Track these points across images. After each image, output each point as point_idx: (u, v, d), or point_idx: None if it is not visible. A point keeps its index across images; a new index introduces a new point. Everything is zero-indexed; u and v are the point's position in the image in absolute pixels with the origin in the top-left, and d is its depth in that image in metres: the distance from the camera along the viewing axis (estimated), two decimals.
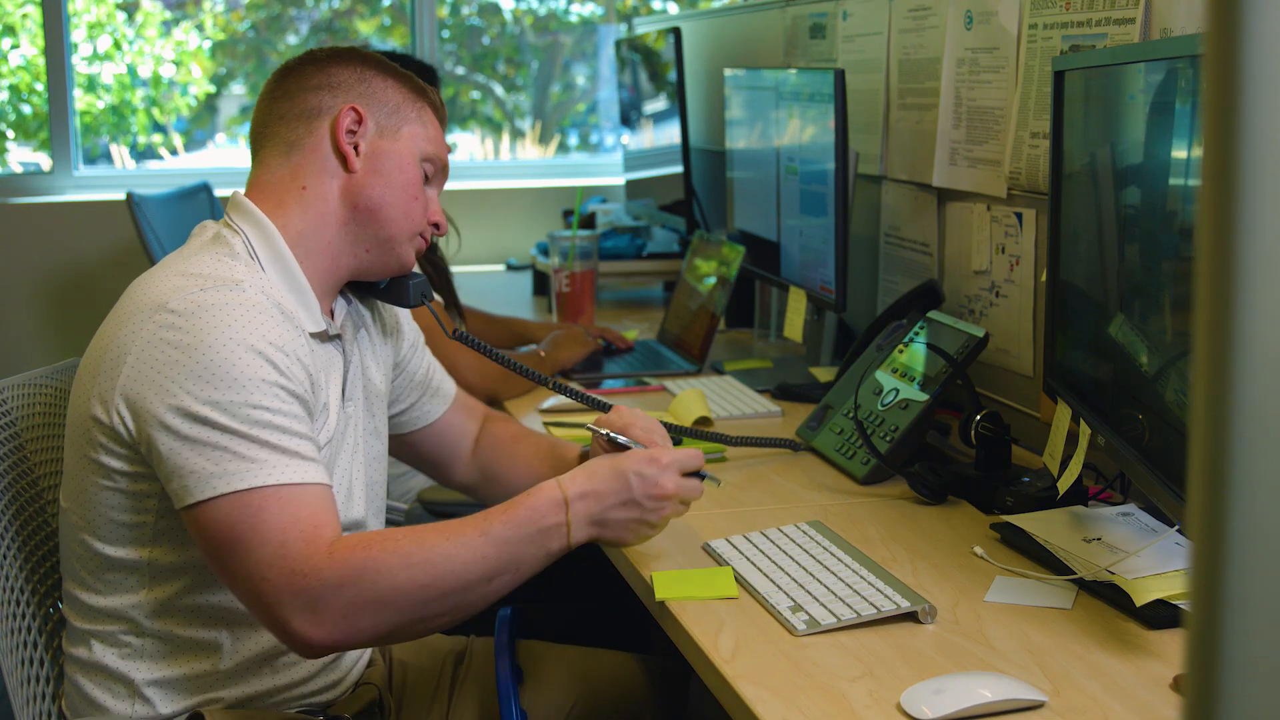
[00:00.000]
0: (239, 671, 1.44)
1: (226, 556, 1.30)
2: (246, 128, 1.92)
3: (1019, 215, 2.05)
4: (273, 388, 1.34)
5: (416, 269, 1.65)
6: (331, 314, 1.56)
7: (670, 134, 3.36)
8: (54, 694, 1.50)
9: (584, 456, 1.72)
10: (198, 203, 3.73)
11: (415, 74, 2.64)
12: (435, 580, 1.32)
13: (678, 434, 1.88)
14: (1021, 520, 1.57)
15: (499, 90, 5.12)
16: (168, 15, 4.61)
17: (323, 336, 1.51)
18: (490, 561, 1.35)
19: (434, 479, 1.86)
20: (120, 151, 4.60)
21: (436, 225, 1.61)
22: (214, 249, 1.45)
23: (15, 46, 4.36)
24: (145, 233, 3.28)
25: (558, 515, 1.40)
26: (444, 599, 1.33)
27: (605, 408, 1.72)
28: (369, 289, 1.63)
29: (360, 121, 1.53)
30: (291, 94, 1.55)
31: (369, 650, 1.62)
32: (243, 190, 1.54)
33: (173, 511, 1.37)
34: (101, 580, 1.42)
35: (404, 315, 1.75)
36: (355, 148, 1.53)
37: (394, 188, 1.54)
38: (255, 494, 1.30)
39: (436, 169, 1.61)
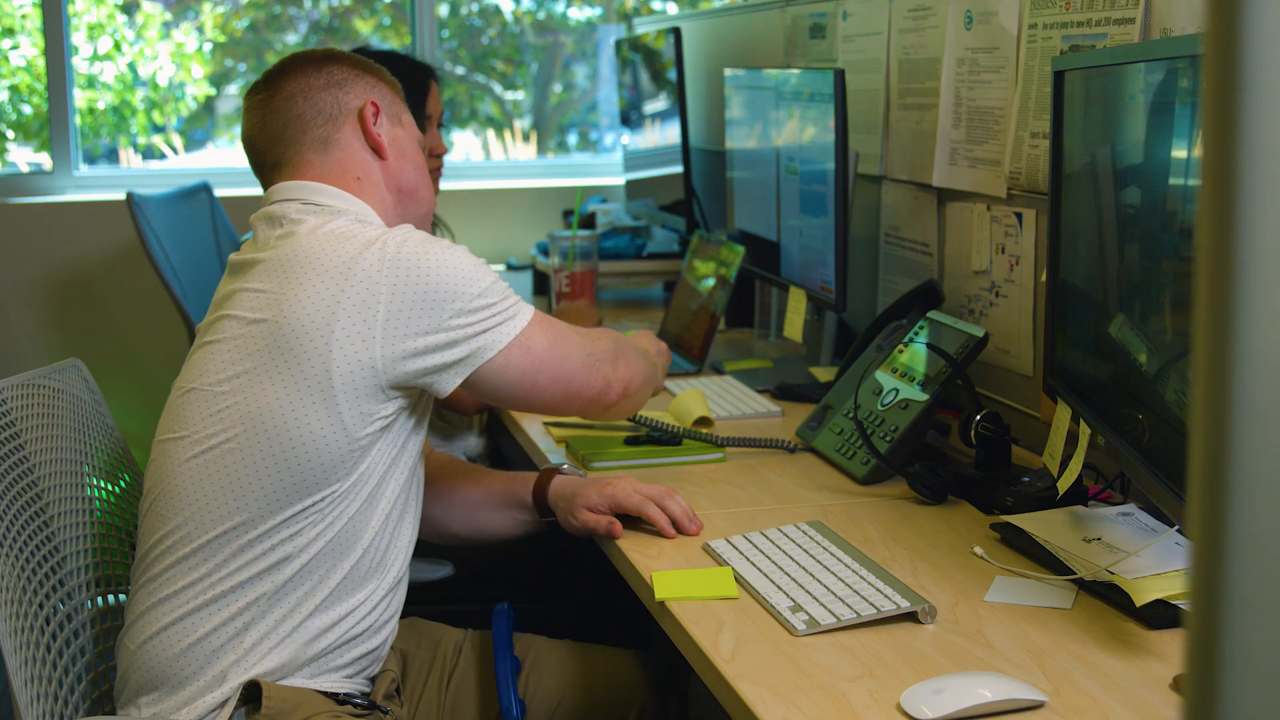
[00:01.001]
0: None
1: (557, 363, 1.60)
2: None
3: (1019, 215, 2.05)
4: (486, 270, 1.55)
5: None
6: None
7: (670, 134, 3.36)
8: (55, 694, 1.50)
9: (539, 482, 1.80)
10: (198, 203, 3.73)
11: (412, 71, 2.65)
12: (626, 345, 1.78)
13: (677, 434, 1.90)
14: (1021, 520, 1.57)
15: (499, 90, 5.12)
16: (168, 16, 4.61)
17: None
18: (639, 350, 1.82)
19: None
20: (126, 152, 4.60)
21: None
22: (346, 219, 1.56)
23: (15, 47, 4.36)
24: (145, 233, 3.27)
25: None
26: (643, 355, 1.81)
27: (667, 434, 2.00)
28: None
29: (378, 113, 1.67)
30: (303, 95, 1.64)
31: (394, 623, 1.65)
32: (297, 180, 1.62)
33: (377, 447, 1.51)
34: (259, 538, 1.47)
35: None
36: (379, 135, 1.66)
37: (418, 169, 1.71)
38: (536, 323, 1.59)
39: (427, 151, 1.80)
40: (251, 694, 1.44)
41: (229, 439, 1.48)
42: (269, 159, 1.64)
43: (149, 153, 4.66)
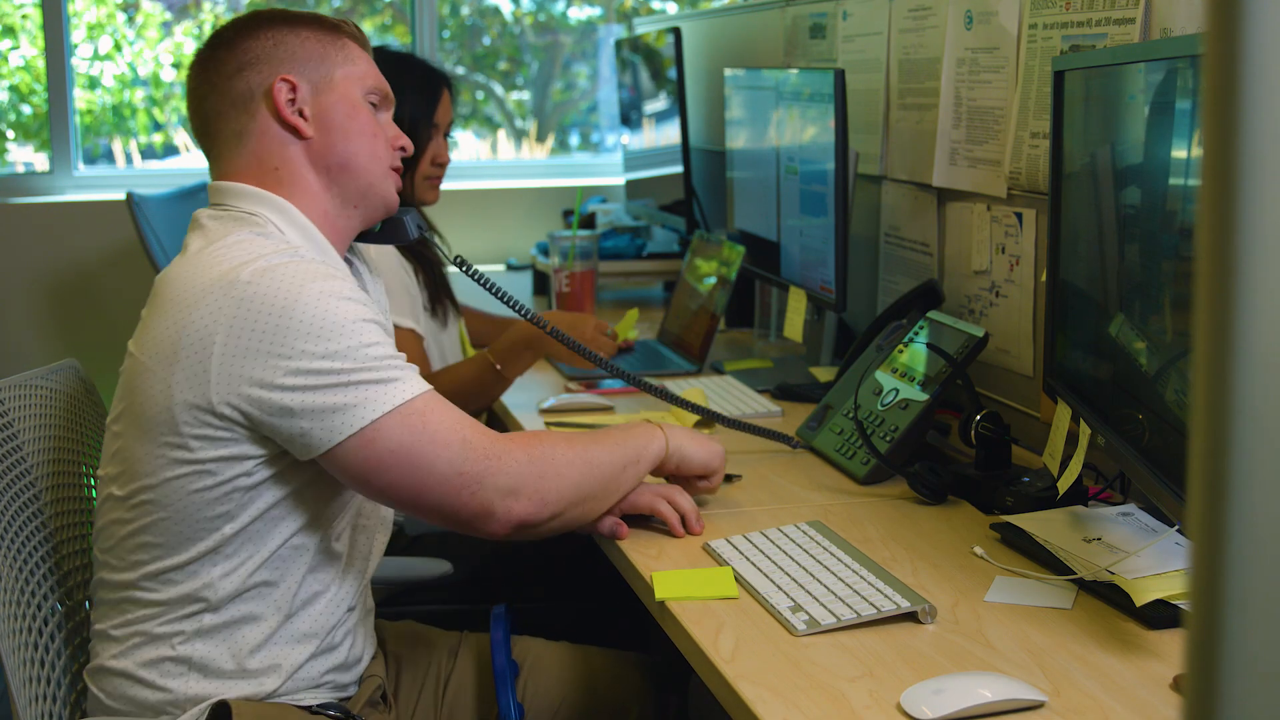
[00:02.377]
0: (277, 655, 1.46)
1: (409, 470, 1.38)
2: None
3: (1019, 215, 2.05)
4: (371, 325, 1.39)
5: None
6: None
7: (670, 134, 3.36)
8: (54, 695, 1.50)
9: None
10: (198, 203, 3.70)
11: (425, 77, 2.62)
12: (588, 459, 1.52)
13: (678, 404, 1.91)
14: (1021, 520, 1.57)
15: (499, 90, 5.12)
16: (168, 16, 4.61)
17: None
18: (617, 451, 1.56)
19: None
20: (131, 147, 4.60)
21: (402, 148, 1.61)
22: (241, 229, 1.45)
23: (15, 47, 4.36)
24: (145, 233, 3.28)
25: (644, 428, 1.63)
26: (594, 477, 1.53)
27: (665, 394, 1.90)
28: (364, 237, 1.64)
29: (294, 88, 1.52)
30: (217, 85, 1.53)
31: (373, 637, 1.63)
32: (218, 181, 1.53)
33: (255, 502, 1.40)
34: (164, 564, 1.42)
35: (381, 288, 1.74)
36: (301, 114, 1.52)
37: (353, 135, 1.54)
38: (410, 407, 1.38)
39: (381, 97, 1.60)
40: (220, 713, 1.41)
41: (112, 482, 1.45)
42: (204, 151, 1.58)
43: (149, 152, 4.66)
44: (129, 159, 4.59)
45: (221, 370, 1.34)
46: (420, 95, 2.50)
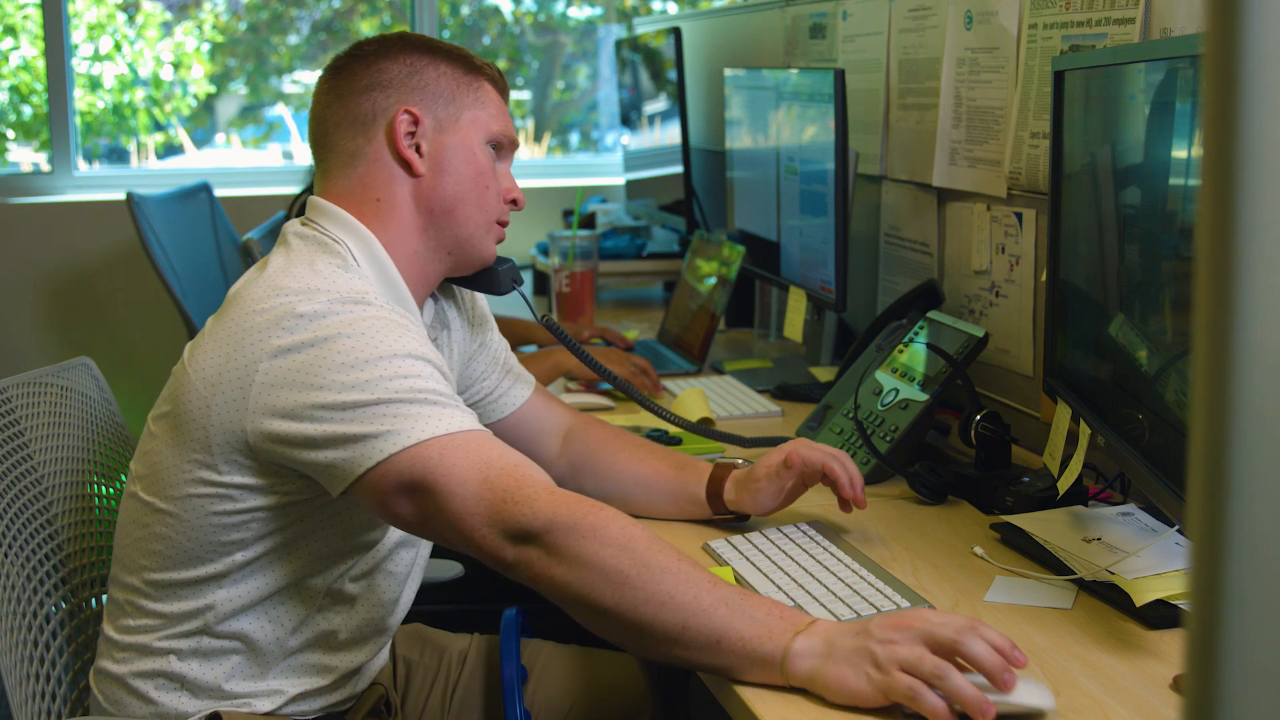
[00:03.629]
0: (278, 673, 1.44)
1: (427, 503, 1.27)
2: (248, 131, 1.87)
3: (1019, 215, 2.05)
4: (415, 360, 1.31)
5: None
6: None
7: (670, 134, 3.36)
8: (53, 693, 1.50)
9: (715, 475, 1.64)
10: (198, 203, 3.73)
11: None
12: (636, 582, 1.20)
13: (685, 428, 1.88)
14: (1021, 520, 1.57)
15: None
16: (168, 16, 4.61)
17: None
18: (698, 609, 1.19)
19: None
20: (132, 149, 4.60)
21: (514, 201, 1.57)
22: (324, 256, 1.41)
23: (15, 47, 4.36)
24: (145, 233, 3.28)
25: (794, 616, 1.22)
26: (632, 609, 1.21)
27: (734, 440, 1.82)
28: (455, 281, 1.61)
29: (417, 122, 1.48)
30: (343, 98, 1.50)
31: (386, 651, 1.62)
32: (318, 198, 1.50)
33: (276, 522, 1.37)
34: (174, 575, 1.40)
35: (482, 298, 1.72)
36: (418, 149, 1.49)
37: (464, 182, 1.51)
38: (433, 444, 1.27)
39: (505, 145, 1.56)
40: None
41: (138, 481, 1.43)
42: (315, 160, 1.55)
43: (157, 152, 4.66)
44: (143, 153, 4.59)
45: (258, 401, 1.31)
46: None
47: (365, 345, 1.30)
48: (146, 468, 1.42)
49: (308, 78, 4.87)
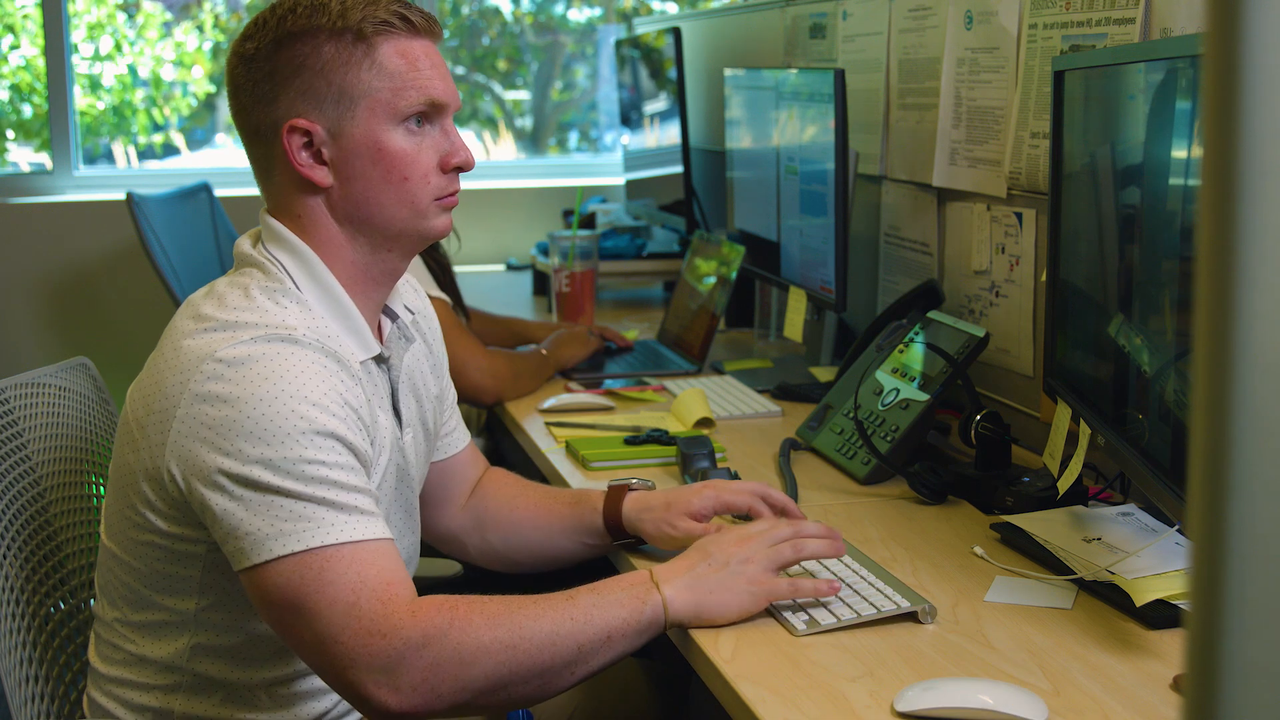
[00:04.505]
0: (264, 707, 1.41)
1: (292, 621, 1.23)
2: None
3: (1019, 215, 2.05)
4: (327, 439, 1.25)
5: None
6: (379, 331, 1.47)
7: (670, 134, 3.36)
8: (53, 695, 1.50)
9: (609, 503, 1.62)
10: (198, 203, 3.73)
11: None
12: (521, 640, 1.24)
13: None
14: (1021, 520, 1.57)
15: (499, 90, 5.12)
16: (168, 16, 4.61)
17: (376, 360, 1.42)
18: (578, 626, 1.27)
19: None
20: (129, 151, 4.60)
21: (458, 168, 1.42)
22: (264, 282, 1.35)
23: (15, 47, 4.36)
24: (145, 233, 3.28)
25: (643, 578, 1.34)
26: (530, 663, 1.25)
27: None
28: None
29: (309, 132, 1.34)
30: (242, 105, 1.39)
31: None
32: (263, 211, 1.43)
33: (217, 567, 1.32)
34: (143, 617, 1.37)
35: (439, 335, 1.66)
36: (320, 156, 1.36)
37: (374, 182, 1.36)
38: (315, 555, 1.22)
39: (429, 108, 1.38)
40: None
41: (101, 523, 1.41)
42: None
43: (149, 152, 4.66)
44: (130, 154, 4.59)
45: (175, 446, 1.26)
46: None
47: (279, 413, 1.23)
48: (106, 510, 1.41)
49: None
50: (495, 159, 4.99)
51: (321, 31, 1.34)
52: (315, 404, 1.25)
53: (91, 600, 1.61)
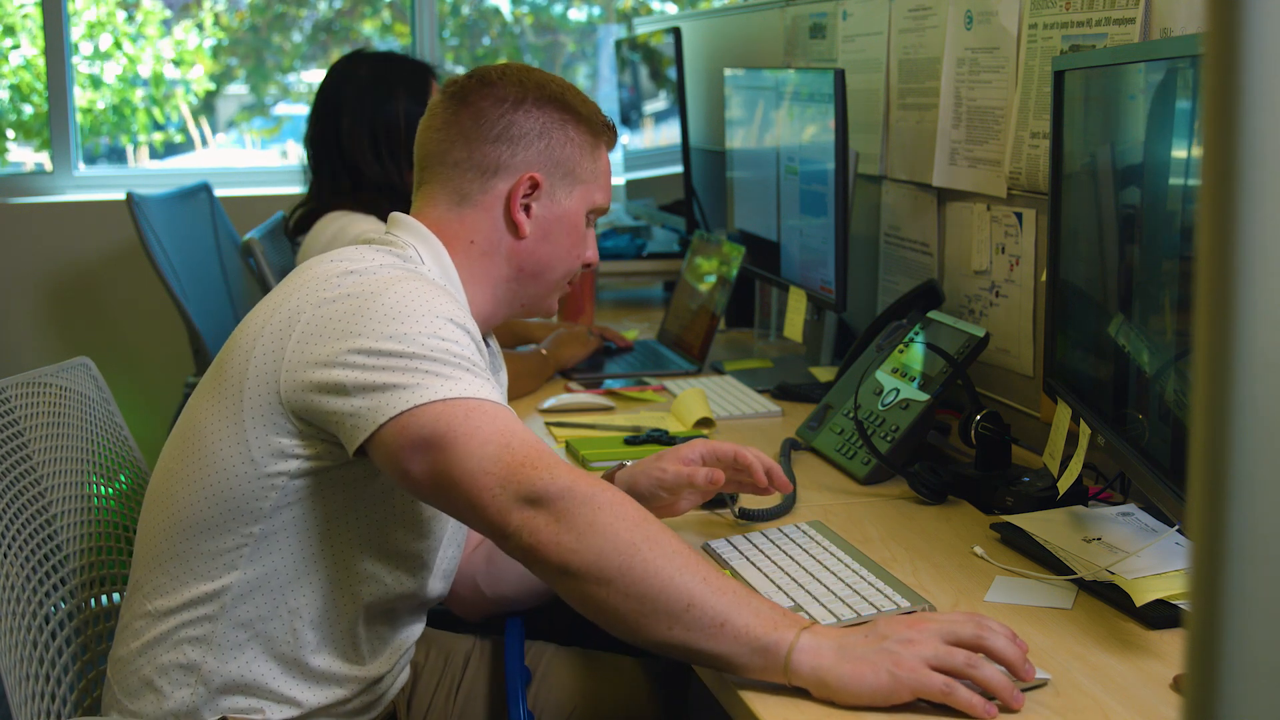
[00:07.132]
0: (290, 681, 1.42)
1: (438, 458, 1.24)
2: (256, 123, 1.85)
3: (1019, 215, 2.05)
4: (456, 328, 1.31)
5: None
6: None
7: (670, 134, 3.36)
8: (54, 694, 1.50)
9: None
10: (198, 203, 3.73)
11: (412, 72, 2.62)
12: (649, 556, 1.19)
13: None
14: (1021, 520, 1.57)
15: None
16: (168, 14, 4.61)
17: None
18: (704, 591, 1.19)
19: None
20: (140, 151, 4.60)
21: (588, 263, 1.61)
22: (381, 247, 1.43)
23: (15, 46, 4.36)
24: (145, 233, 3.28)
25: (796, 616, 1.23)
26: (641, 579, 1.19)
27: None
28: None
29: (536, 186, 1.52)
30: (470, 139, 1.51)
31: (407, 670, 1.60)
32: (406, 215, 1.52)
33: (279, 531, 1.35)
34: (192, 566, 1.38)
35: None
36: (528, 209, 1.52)
37: (560, 249, 1.55)
38: (462, 403, 1.26)
39: (604, 211, 1.61)
40: None
41: (170, 456, 1.42)
42: (417, 177, 1.56)
43: (169, 147, 4.67)
44: (139, 152, 4.59)
45: (295, 350, 1.31)
46: (408, 91, 2.57)
47: (410, 301, 1.31)
48: (177, 434, 1.42)
49: (310, 77, 4.87)
50: None
51: (570, 110, 1.55)
52: (444, 305, 1.33)
53: (92, 601, 1.61)
